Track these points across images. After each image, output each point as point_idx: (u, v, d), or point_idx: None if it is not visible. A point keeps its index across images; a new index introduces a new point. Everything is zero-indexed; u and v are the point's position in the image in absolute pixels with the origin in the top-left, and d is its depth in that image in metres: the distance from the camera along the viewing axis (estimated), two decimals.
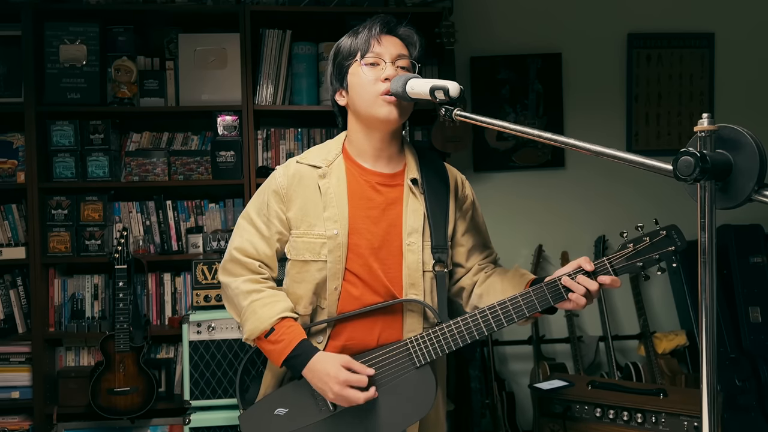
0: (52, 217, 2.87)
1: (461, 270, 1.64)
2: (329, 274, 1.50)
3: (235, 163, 2.89)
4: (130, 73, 2.89)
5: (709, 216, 0.88)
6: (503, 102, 3.37)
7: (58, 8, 2.86)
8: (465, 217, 1.63)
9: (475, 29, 3.31)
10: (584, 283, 1.37)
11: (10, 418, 2.85)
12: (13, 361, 2.87)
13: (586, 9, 3.40)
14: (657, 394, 2.33)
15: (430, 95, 1.37)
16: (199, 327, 2.47)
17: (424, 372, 1.47)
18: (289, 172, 1.56)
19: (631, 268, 1.36)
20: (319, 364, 1.44)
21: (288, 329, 1.48)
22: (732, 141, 0.88)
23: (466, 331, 1.44)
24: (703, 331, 0.90)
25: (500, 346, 3.32)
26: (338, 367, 1.43)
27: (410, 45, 1.54)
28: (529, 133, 1.19)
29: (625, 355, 3.41)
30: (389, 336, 1.51)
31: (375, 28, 1.50)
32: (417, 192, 1.55)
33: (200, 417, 2.46)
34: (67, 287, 2.95)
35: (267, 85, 2.96)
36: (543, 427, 2.44)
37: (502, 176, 3.39)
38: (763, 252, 3.25)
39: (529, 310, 1.41)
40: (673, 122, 3.46)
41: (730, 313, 3.21)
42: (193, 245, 2.91)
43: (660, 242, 1.34)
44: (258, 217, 1.57)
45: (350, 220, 1.51)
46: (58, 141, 2.87)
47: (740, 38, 3.46)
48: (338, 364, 1.43)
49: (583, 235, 3.37)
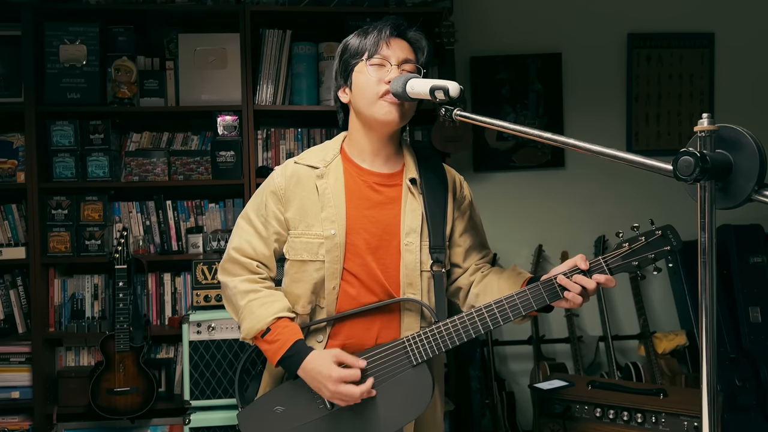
0: (52, 217, 2.87)
1: (458, 270, 1.64)
2: (327, 274, 1.51)
3: (235, 163, 2.89)
4: (130, 73, 2.89)
5: (709, 216, 0.88)
6: (503, 102, 3.37)
7: (58, 8, 2.86)
8: (463, 218, 1.63)
9: (475, 29, 3.31)
10: (580, 282, 1.37)
11: (10, 418, 2.85)
12: (13, 361, 2.87)
13: (586, 9, 3.40)
14: (657, 394, 2.33)
15: (430, 95, 1.37)
16: (199, 327, 2.47)
17: (420, 370, 1.47)
18: (287, 173, 1.57)
19: (627, 268, 1.37)
20: (311, 363, 1.45)
21: (284, 329, 1.49)
22: (732, 141, 0.88)
23: (462, 329, 1.44)
24: (703, 331, 0.90)
25: (500, 346, 3.32)
26: (330, 365, 1.43)
27: (418, 49, 1.55)
28: (529, 133, 1.19)
29: (625, 355, 3.41)
30: (387, 335, 1.52)
31: (385, 30, 1.51)
32: (415, 192, 1.56)
33: (200, 417, 2.46)
34: (67, 287, 2.95)
35: (267, 85, 2.96)
36: (543, 427, 2.43)
37: (502, 176, 3.39)
38: (763, 252, 3.25)
39: (525, 308, 1.42)
40: (673, 122, 3.46)
41: (730, 313, 3.21)
42: (193, 245, 2.91)
43: (655, 242, 1.34)
44: (256, 217, 1.58)
45: (348, 220, 1.52)
46: (58, 141, 2.87)
47: (740, 38, 3.46)
48: (330, 361, 1.44)
49: (583, 235, 3.37)
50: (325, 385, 1.43)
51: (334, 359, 1.44)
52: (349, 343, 1.51)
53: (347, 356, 1.45)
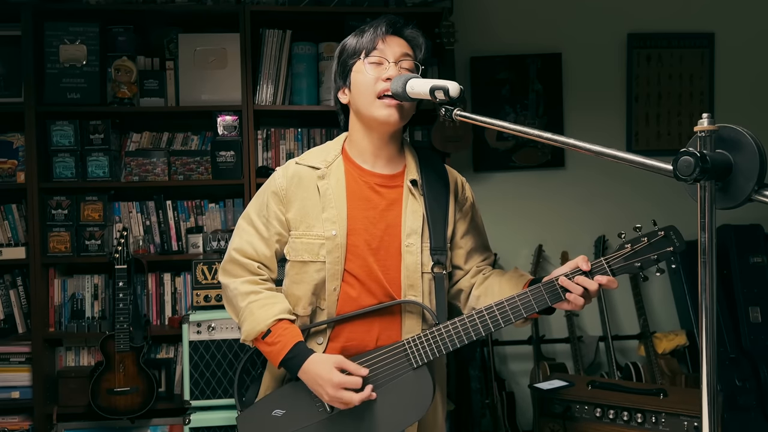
0: (52, 217, 2.87)
1: (460, 272, 1.63)
2: (328, 275, 1.50)
3: (235, 163, 2.89)
4: (130, 73, 2.89)
5: (709, 216, 0.88)
6: (503, 102, 3.37)
7: (58, 8, 2.86)
8: (464, 219, 1.62)
9: (475, 29, 3.31)
10: (582, 283, 1.36)
11: (10, 418, 2.85)
12: (13, 361, 2.87)
13: (586, 9, 3.40)
14: (657, 394, 2.33)
15: (430, 95, 1.37)
16: (199, 327, 2.47)
17: (421, 373, 1.46)
18: (288, 174, 1.56)
19: (629, 269, 1.35)
20: (312, 365, 1.44)
21: (284, 331, 1.48)
22: (732, 141, 0.88)
23: (463, 331, 1.43)
24: (703, 331, 0.90)
25: (500, 346, 3.32)
26: (331, 370, 1.42)
27: (416, 46, 1.55)
28: (529, 133, 1.18)
29: (625, 355, 3.41)
30: (388, 337, 1.51)
31: (381, 28, 1.51)
32: (416, 193, 1.55)
33: (200, 417, 2.46)
34: (67, 287, 2.95)
35: (267, 85, 2.96)
36: (543, 427, 2.43)
37: (502, 176, 3.39)
38: (763, 252, 3.25)
39: (526, 310, 1.40)
40: (673, 122, 3.46)
41: (730, 313, 3.21)
42: (193, 245, 2.91)
43: (658, 243, 1.33)
44: (258, 218, 1.57)
45: (349, 221, 1.51)
46: (58, 141, 2.87)
47: (740, 38, 3.46)
48: (331, 366, 1.43)
49: (583, 235, 3.37)
50: (325, 389, 1.42)
51: (335, 365, 1.43)
52: (350, 345, 1.50)
53: (349, 364, 1.44)
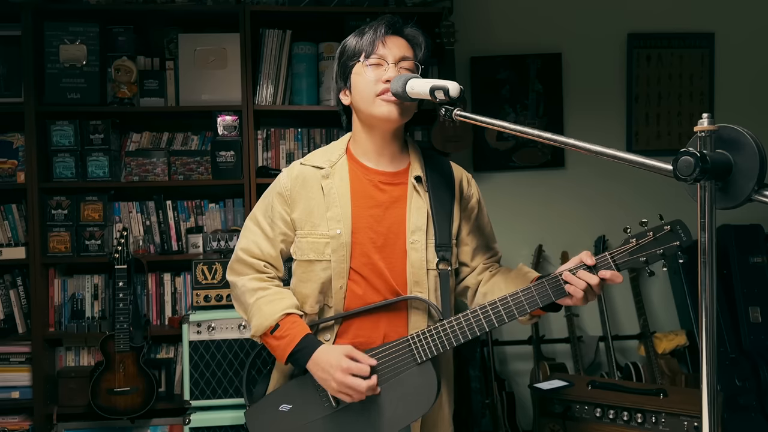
0: (52, 217, 2.87)
1: (466, 269, 1.64)
2: (334, 274, 1.52)
3: (235, 163, 2.89)
4: (130, 73, 2.89)
5: (709, 216, 0.88)
6: (503, 102, 3.37)
7: (58, 8, 2.86)
8: (470, 216, 1.63)
9: (475, 29, 3.31)
10: (585, 278, 1.35)
11: (10, 418, 2.85)
12: (13, 361, 2.87)
13: (586, 9, 3.40)
14: (657, 394, 2.33)
15: (430, 95, 1.37)
16: (199, 327, 2.46)
17: (425, 368, 1.47)
18: (293, 174, 1.58)
19: (634, 263, 1.33)
20: (323, 354, 1.47)
21: (293, 324, 1.50)
22: (732, 141, 0.88)
23: (467, 327, 1.44)
24: (703, 331, 0.90)
25: (500, 346, 3.32)
26: (341, 356, 1.45)
27: (416, 46, 1.55)
28: (529, 133, 1.19)
29: (625, 355, 3.41)
30: (395, 334, 1.52)
31: (380, 29, 1.51)
32: (421, 190, 1.56)
33: (200, 417, 2.46)
34: (67, 287, 2.95)
35: (267, 85, 2.96)
36: (543, 427, 2.43)
37: (502, 176, 3.39)
38: (763, 252, 3.25)
39: (530, 305, 1.40)
40: (673, 122, 3.46)
41: (730, 313, 3.21)
42: (193, 245, 2.91)
43: (664, 237, 1.31)
44: (263, 218, 1.60)
45: (353, 219, 1.52)
46: (58, 141, 2.87)
47: (740, 38, 3.46)
48: (341, 353, 1.45)
49: (583, 235, 3.37)
50: (333, 375, 1.43)
51: (345, 353, 1.45)
52: (357, 341, 1.52)
53: (358, 353, 1.47)
